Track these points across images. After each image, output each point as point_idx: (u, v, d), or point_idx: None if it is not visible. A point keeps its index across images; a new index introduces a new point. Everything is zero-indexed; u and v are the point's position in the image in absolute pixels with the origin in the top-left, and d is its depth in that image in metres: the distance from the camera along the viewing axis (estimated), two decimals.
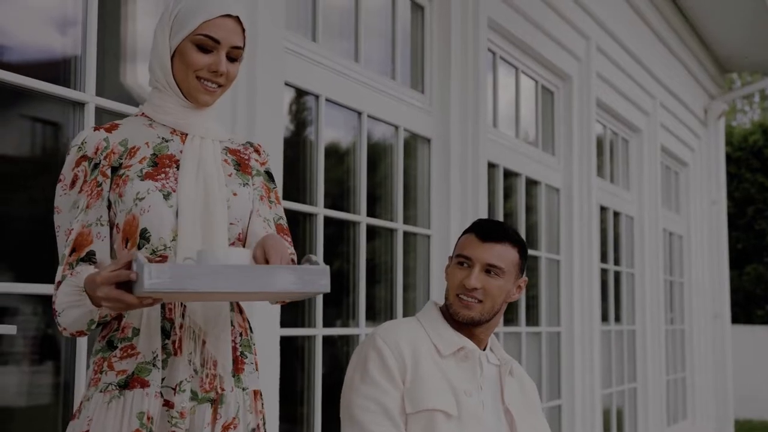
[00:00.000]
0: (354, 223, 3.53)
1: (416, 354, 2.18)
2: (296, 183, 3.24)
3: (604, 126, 6.25)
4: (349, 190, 3.56)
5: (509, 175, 4.83)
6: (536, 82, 5.19)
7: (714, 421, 8.30)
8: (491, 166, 4.49)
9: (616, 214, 6.45)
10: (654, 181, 6.82)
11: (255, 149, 1.95)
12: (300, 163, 3.28)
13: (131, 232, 1.73)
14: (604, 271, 6.13)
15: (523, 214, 4.94)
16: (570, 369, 5.24)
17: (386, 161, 3.81)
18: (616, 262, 6.47)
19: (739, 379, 10.19)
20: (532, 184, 5.10)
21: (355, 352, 2.23)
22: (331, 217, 3.36)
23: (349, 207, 3.53)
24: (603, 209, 6.10)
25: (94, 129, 1.80)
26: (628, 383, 6.51)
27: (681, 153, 7.76)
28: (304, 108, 3.34)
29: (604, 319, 6.11)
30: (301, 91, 3.26)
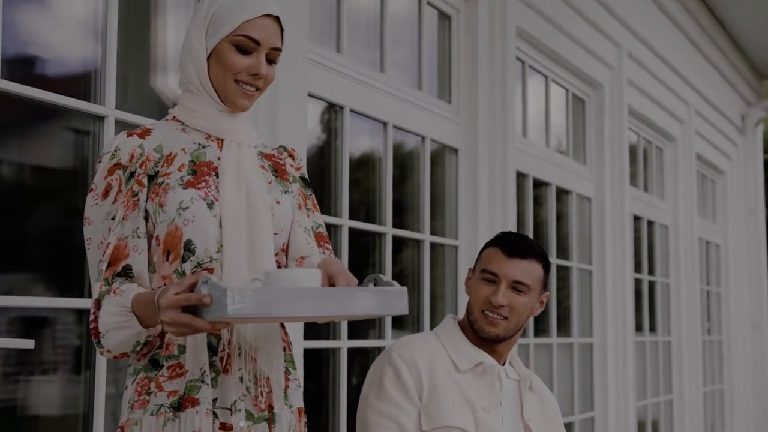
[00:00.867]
0: (380, 234, 3.50)
1: (433, 370, 2.14)
2: (321, 194, 3.22)
3: (638, 134, 6.17)
4: (375, 201, 3.53)
5: (539, 185, 4.79)
6: (567, 90, 5.14)
7: None
8: (520, 175, 4.45)
9: (651, 224, 6.37)
10: (689, 189, 6.73)
11: (289, 154, 1.87)
12: (324, 175, 3.27)
13: (174, 244, 1.64)
14: (639, 281, 6.04)
15: (554, 224, 4.88)
16: (603, 380, 5.17)
17: (413, 172, 3.78)
18: (651, 272, 6.38)
19: None
20: (563, 193, 5.04)
21: (371, 368, 2.20)
22: (357, 229, 3.34)
23: (375, 218, 3.51)
24: (637, 218, 6.02)
25: (127, 135, 1.69)
26: (664, 395, 6.41)
27: (717, 161, 7.65)
28: (329, 119, 3.33)
29: (639, 330, 6.02)
30: (326, 102, 3.25)
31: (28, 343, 1.96)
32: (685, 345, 6.58)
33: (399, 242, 3.64)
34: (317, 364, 3.15)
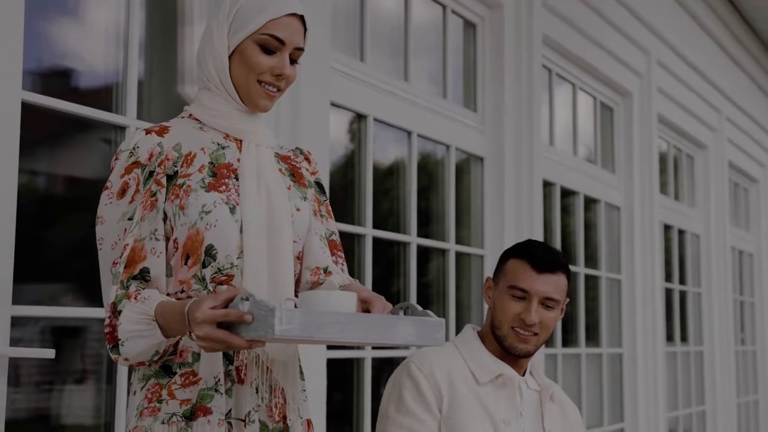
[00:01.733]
0: (405, 244, 3.49)
1: (452, 382, 2.11)
2: (345, 204, 3.22)
3: (668, 142, 6.11)
4: (400, 211, 3.52)
5: (567, 194, 4.75)
6: (594, 98, 5.10)
7: None
8: (547, 184, 4.42)
9: (681, 233, 6.29)
10: (721, 198, 6.65)
11: (305, 157, 1.83)
12: (349, 184, 3.26)
13: (194, 248, 1.59)
14: (669, 291, 5.97)
15: (582, 233, 4.84)
16: (633, 391, 5.11)
17: (438, 181, 3.77)
18: (682, 282, 6.30)
19: None
20: (591, 202, 5.00)
21: (390, 381, 2.17)
22: (382, 238, 3.33)
23: (400, 228, 3.49)
24: (667, 227, 5.96)
25: (146, 132, 1.63)
26: (696, 406, 6.32)
27: (750, 169, 7.55)
28: (352, 128, 3.32)
29: (670, 340, 5.95)
30: (349, 111, 3.25)
31: (49, 353, 1.96)
32: (717, 355, 6.49)
33: (425, 252, 3.63)
34: (341, 375, 3.13)
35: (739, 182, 7.57)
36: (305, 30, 1.70)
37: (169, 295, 1.62)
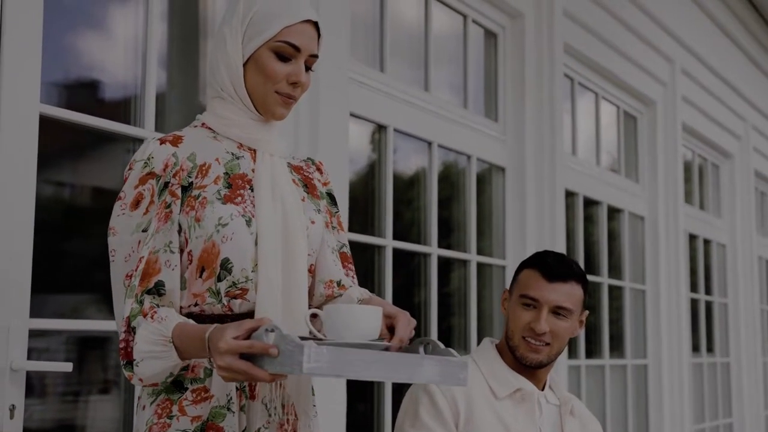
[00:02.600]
0: (425, 255, 3.47)
1: (469, 396, 2.08)
2: (365, 215, 3.20)
3: (693, 151, 6.05)
4: (421, 221, 3.50)
5: (590, 204, 4.71)
6: (618, 107, 5.06)
7: None
8: (570, 194, 4.38)
9: (707, 242, 6.23)
10: (747, 207, 6.57)
11: (317, 167, 1.80)
12: (368, 195, 3.25)
13: (210, 261, 1.56)
14: (695, 301, 5.91)
15: (605, 243, 4.80)
16: (658, 403, 5.05)
17: (459, 191, 3.74)
18: (708, 292, 6.23)
19: None
20: (614, 212, 4.96)
21: (406, 396, 2.14)
22: (402, 249, 3.31)
23: (421, 238, 3.47)
24: (692, 237, 5.89)
25: (160, 142, 1.60)
26: (723, 418, 6.24)
27: None
28: (373, 138, 3.31)
29: (696, 351, 5.88)
30: (368, 122, 3.23)
31: (66, 366, 1.96)
32: (744, 366, 6.41)
33: (446, 263, 3.60)
34: (361, 386, 3.12)
35: (765, 191, 7.48)
36: (319, 37, 1.68)
37: (182, 308, 1.60)
